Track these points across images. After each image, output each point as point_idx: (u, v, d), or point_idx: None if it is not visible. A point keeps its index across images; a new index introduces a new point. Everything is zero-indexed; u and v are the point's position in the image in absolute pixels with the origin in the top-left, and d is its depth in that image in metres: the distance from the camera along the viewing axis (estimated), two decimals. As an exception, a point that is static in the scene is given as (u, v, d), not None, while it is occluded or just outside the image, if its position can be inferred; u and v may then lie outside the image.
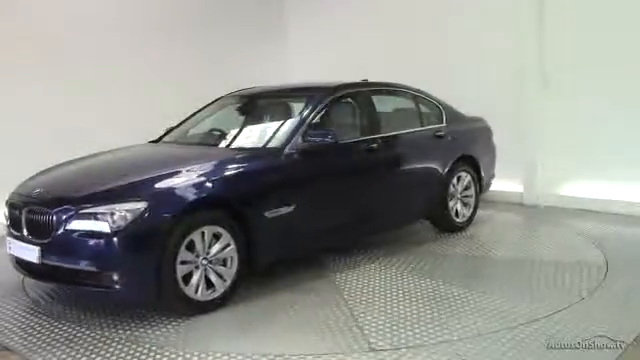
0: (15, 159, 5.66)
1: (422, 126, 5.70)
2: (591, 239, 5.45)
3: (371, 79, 5.56)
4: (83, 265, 3.63)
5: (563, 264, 4.80)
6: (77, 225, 3.64)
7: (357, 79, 5.51)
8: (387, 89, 5.69)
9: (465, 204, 5.94)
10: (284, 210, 4.20)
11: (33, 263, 3.81)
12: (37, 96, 6.57)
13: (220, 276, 3.93)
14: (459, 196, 5.86)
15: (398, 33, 7.96)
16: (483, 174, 6.10)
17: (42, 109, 6.60)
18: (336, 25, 8.77)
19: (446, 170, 5.65)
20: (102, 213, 3.59)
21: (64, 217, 3.67)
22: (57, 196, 3.89)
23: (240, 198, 4.00)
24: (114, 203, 3.62)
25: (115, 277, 3.58)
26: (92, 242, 3.59)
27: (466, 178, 5.90)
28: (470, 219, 6.02)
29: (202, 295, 3.84)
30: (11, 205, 4.16)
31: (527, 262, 4.83)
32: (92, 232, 3.60)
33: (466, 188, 5.92)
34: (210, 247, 3.87)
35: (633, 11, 6.25)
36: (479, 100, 6.46)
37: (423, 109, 5.82)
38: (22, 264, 4.02)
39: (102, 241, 3.57)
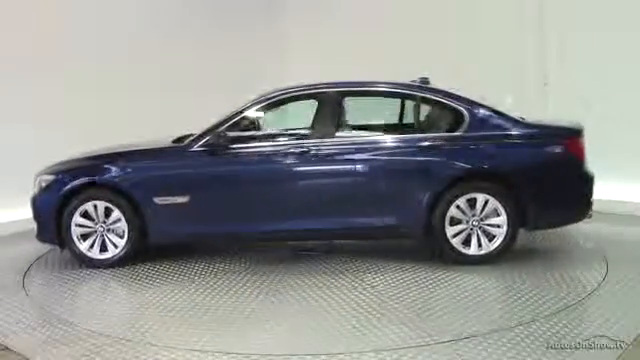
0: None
1: (404, 133, 5.04)
2: (591, 239, 5.44)
3: (370, 80, 5.23)
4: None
5: (563, 264, 4.79)
6: (34, 187, 5.14)
7: (409, 79, 5.17)
8: (366, 90, 5.24)
9: (488, 234, 4.77)
10: (177, 199, 4.83)
11: None
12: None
13: (115, 244, 4.93)
14: (474, 223, 4.73)
15: (398, 34, 7.96)
16: (530, 202, 4.70)
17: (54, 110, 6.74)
18: (337, 28, 8.78)
19: (440, 187, 4.69)
20: (38, 180, 5.09)
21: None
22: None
23: (128, 184, 4.87)
24: (44, 175, 5.06)
25: (36, 225, 5.04)
26: (32, 199, 5.09)
27: (487, 201, 4.69)
28: (495, 254, 4.72)
29: (94, 254, 4.95)
30: None
31: (527, 262, 4.83)
32: (34, 192, 5.11)
33: (497, 214, 4.70)
34: (107, 218, 4.93)
35: (633, 11, 6.26)
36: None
37: (424, 113, 5.15)
38: None
39: (33, 198, 5.06)
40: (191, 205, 4.83)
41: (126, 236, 4.92)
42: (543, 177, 4.77)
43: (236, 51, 8.72)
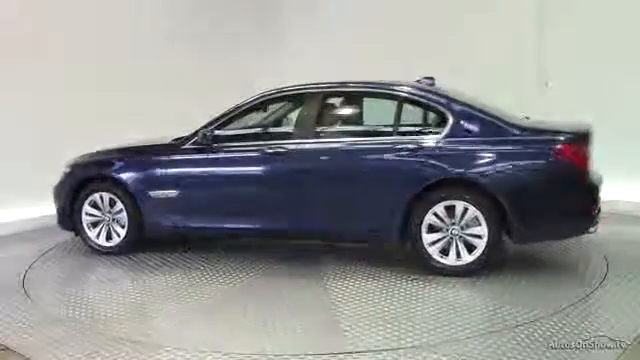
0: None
1: (383, 135, 4.89)
2: (591, 239, 5.43)
3: (354, 80, 5.14)
4: None
5: (563, 264, 4.80)
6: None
7: (409, 79, 5.06)
8: (348, 91, 5.28)
9: (468, 245, 4.47)
10: (168, 193, 5.13)
11: None
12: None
13: (118, 233, 5.33)
14: (454, 232, 4.45)
15: (396, 35, 7.97)
16: (514, 212, 4.32)
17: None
18: (336, 28, 8.78)
19: (417, 193, 4.47)
20: (62, 171, 5.54)
21: None
22: None
23: (127, 178, 5.23)
24: (65, 167, 5.53)
25: (55, 212, 5.52)
26: (54, 188, 5.57)
27: (466, 209, 4.39)
28: (475, 266, 4.42)
29: (101, 242, 5.39)
30: None
31: (525, 261, 4.83)
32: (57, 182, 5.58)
33: (478, 224, 4.38)
34: (112, 208, 5.34)
35: (633, 11, 6.26)
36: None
37: (404, 115, 4.83)
38: None
39: (54, 188, 5.54)
40: (179, 200, 5.11)
41: (126, 226, 5.28)
42: (531, 186, 4.35)
43: (236, 51, 8.75)
